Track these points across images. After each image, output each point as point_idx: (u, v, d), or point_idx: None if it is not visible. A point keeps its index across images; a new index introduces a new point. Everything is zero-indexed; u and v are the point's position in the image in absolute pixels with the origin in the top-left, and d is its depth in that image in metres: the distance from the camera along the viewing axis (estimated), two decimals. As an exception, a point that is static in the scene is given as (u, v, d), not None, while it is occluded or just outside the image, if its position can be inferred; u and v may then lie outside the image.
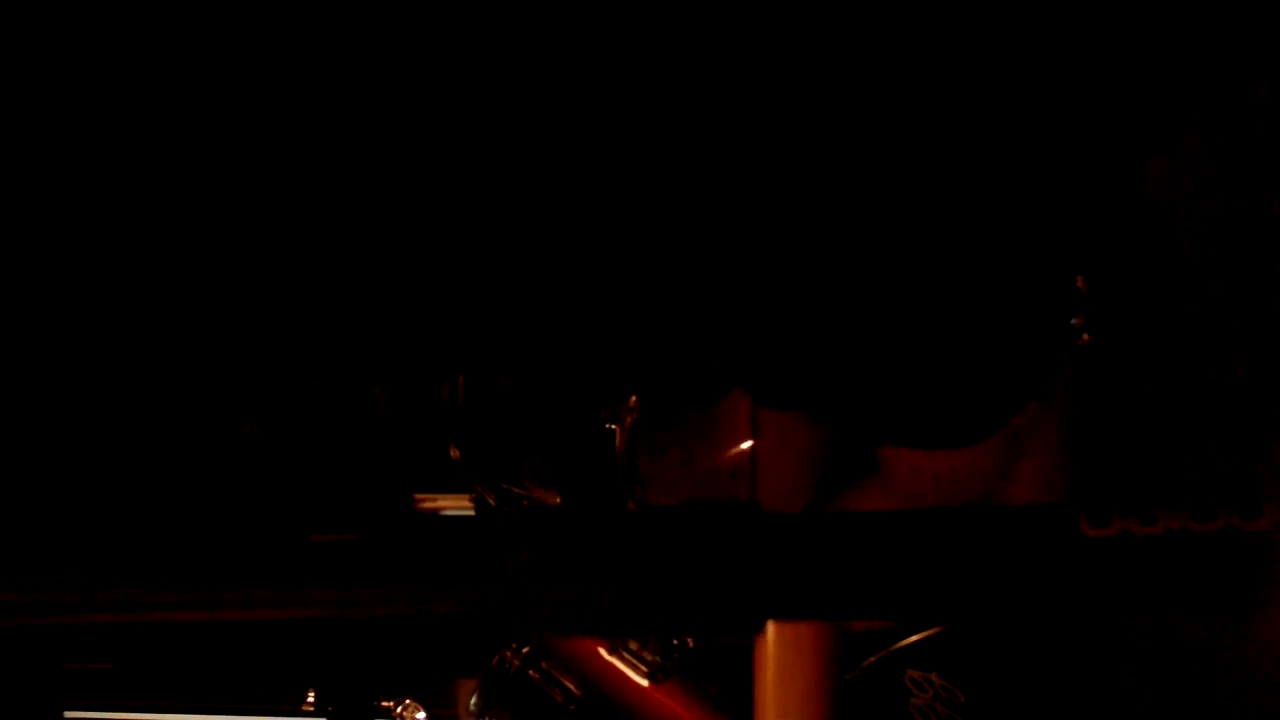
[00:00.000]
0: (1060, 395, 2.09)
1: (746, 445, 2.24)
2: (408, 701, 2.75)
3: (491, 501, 2.56)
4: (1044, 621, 1.97)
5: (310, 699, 2.78)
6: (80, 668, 2.78)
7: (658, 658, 2.23)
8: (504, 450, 2.50)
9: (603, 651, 2.30)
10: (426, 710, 2.76)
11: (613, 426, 2.23)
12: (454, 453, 2.54)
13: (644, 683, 2.24)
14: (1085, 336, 2.00)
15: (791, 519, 0.81)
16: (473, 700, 2.45)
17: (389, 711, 2.75)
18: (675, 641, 2.23)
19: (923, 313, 0.87)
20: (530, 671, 2.39)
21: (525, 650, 2.41)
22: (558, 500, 2.45)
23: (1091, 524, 0.71)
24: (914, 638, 2.01)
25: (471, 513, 2.90)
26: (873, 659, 1.99)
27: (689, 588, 0.74)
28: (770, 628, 1.39)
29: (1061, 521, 0.74)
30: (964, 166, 0.86)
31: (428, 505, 3.12)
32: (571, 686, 2.35)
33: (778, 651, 1.41)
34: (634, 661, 2.25)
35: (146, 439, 3.01)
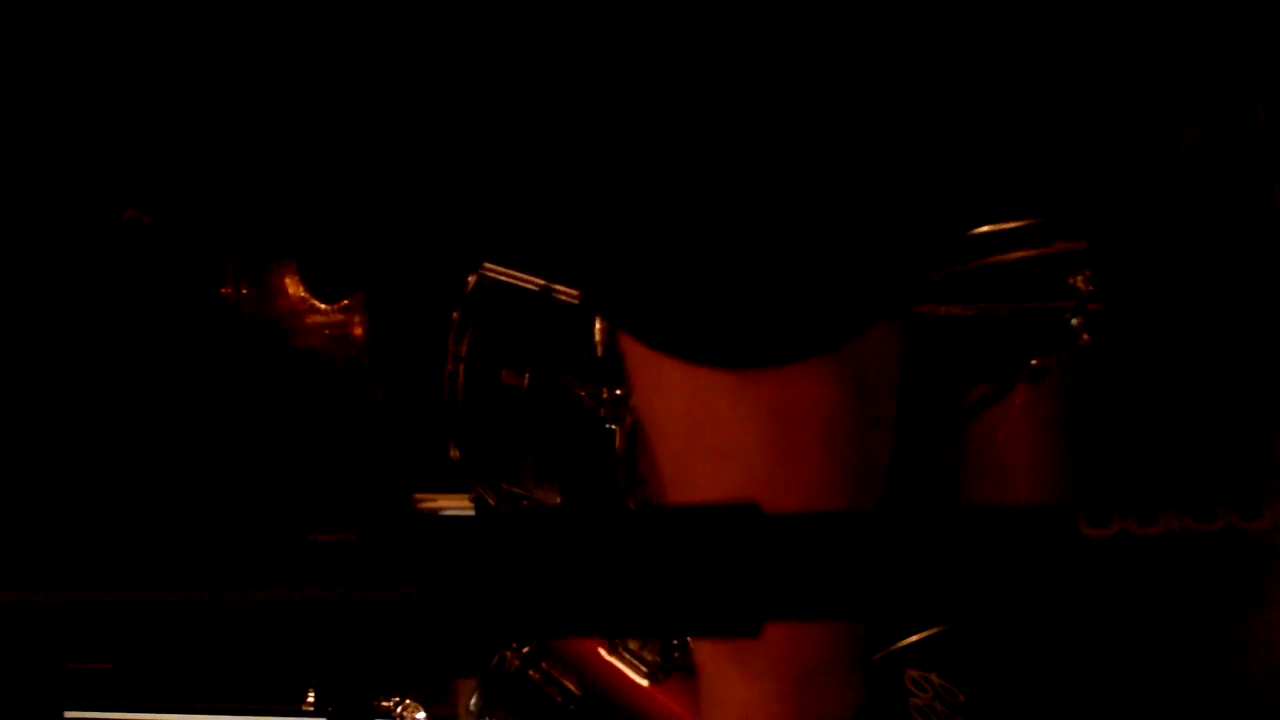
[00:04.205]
0: (1054, 392, 2.09)
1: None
2: (408, 701, 2.75)
3: (491, 501, 2.56)
4: (1044, 621, 1.97)
5: (310, 699, 2.78)
6: (80, 668, 2.78)
7: (658, 658, 2.23)
8: (504, 450, 2.50)
9: (603, 651, 2.30)
10: (426, 710, 2.76)
11: (613, 426, 2.23)
12: (454, 453, 2.54)
13: (644, 683, 2.24)
14: (1085, 337, 2.00)
15: (791, 519, 0.81)
16: (473, 700, 2.45)
17: (389, 711, 2.75)
18: (675, 641, 2.23)
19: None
20: (530, 671, 2.39)
21: (525, 650, 2.41)
22: (558, 500, 2.45)
23: (1091, 524, 0.71)
24: (914, 638, 2.01)
25: (471, 513, 2.90)
26: (873, 659, 1.99)
27: (689, 588, 0.74)
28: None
29: (1061, 521, 0.73)
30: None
31: (428, 505, 3.12)
32: (571, 686, 2.34)
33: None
34: (634, 661, 2.25)
35: (146, 438, 3.01)
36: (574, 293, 2.31)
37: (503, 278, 2.45)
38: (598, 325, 2.24)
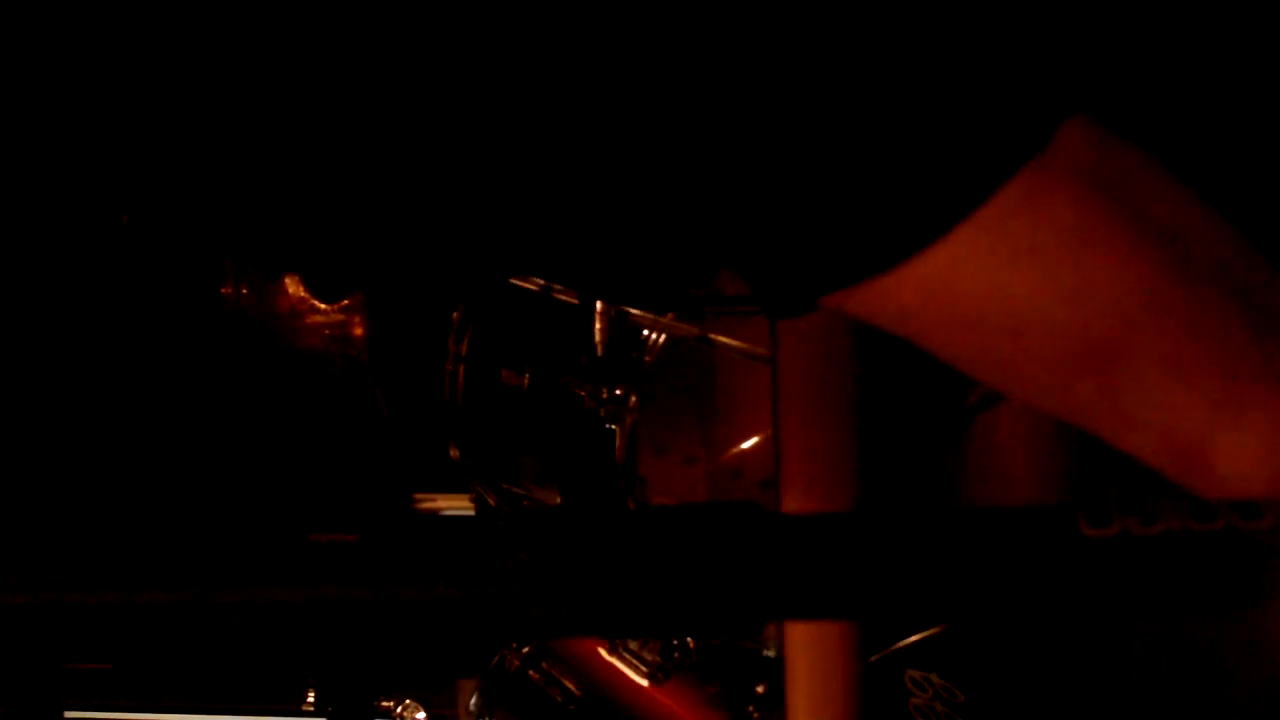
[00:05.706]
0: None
1: (750, 443, 2.24)
2: (408, 701, 2.75)
3: (491, 501, 2.56)
4: (1044, 621, 1.97)
5: (310, 699, 2.78)
6: (80, 668, 2.78)
7: (658, 658, 2.23)
8: (504, 450, 2.50)
9: (603, 651, 2.30)
10: (426, 710, 2.76)
11: (613, 426, 2.23)
12: (454, 453, 2.54)
13: (644, 683, 2.24)
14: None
15: (792, 519, 0.81)
16: (473, 700, 2.45)
17: (389, 711, 2.75)
18: (675, 641, 2.23)
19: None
20: (530, 671, 2.39)
21: (525, 650, 2.41)
22: (558, 500, 2.45)
23: (1091, 524, 0.71)
24: (914, 638, 2.00)
25: (471, 513, 2.90)
26: (873, 659, 1.99)
27: (689, 588, 0.74)
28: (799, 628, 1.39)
29: (1061, 521, 0.74)
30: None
31: (428, 505, 3.12)
32: (571, 686, 2.34)
33: (810, 650, 1.41)
34: (634, 661, 2.25)
35: (146, 438, 3.01)
36: (573, 292, 2.31)
37: (503, 278, 2.45)
38: (598, 325, 2.24)
